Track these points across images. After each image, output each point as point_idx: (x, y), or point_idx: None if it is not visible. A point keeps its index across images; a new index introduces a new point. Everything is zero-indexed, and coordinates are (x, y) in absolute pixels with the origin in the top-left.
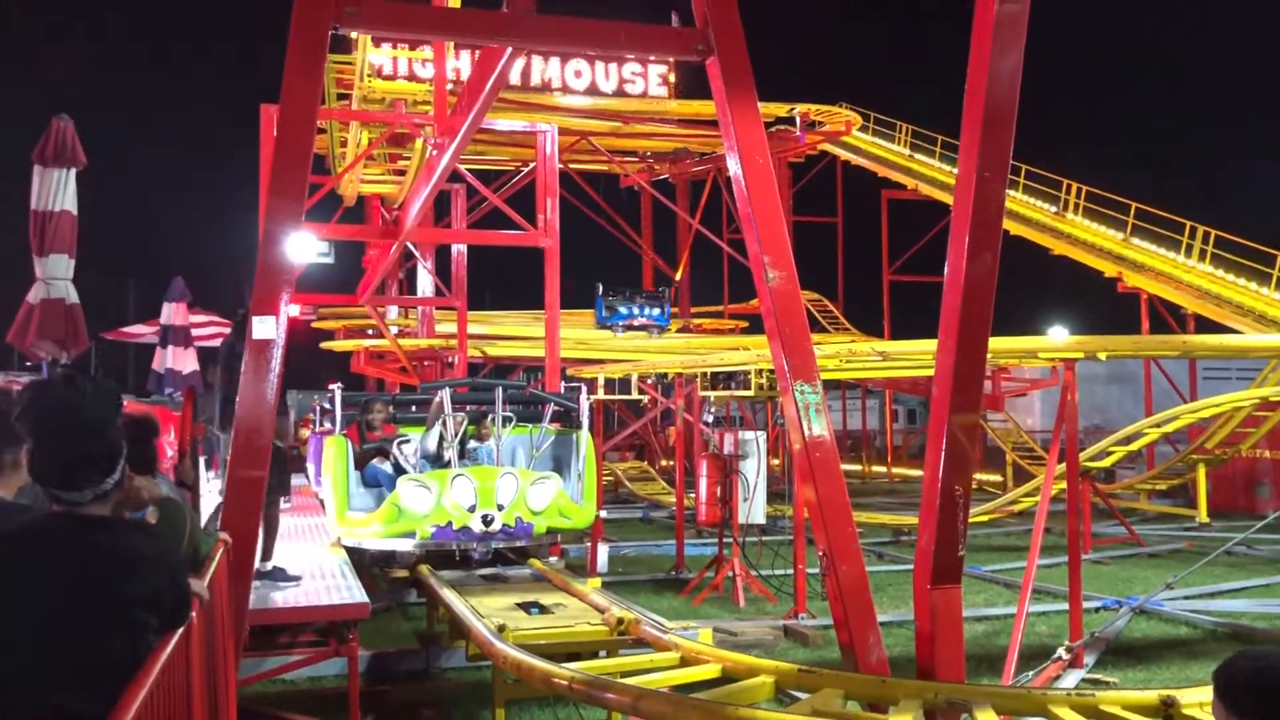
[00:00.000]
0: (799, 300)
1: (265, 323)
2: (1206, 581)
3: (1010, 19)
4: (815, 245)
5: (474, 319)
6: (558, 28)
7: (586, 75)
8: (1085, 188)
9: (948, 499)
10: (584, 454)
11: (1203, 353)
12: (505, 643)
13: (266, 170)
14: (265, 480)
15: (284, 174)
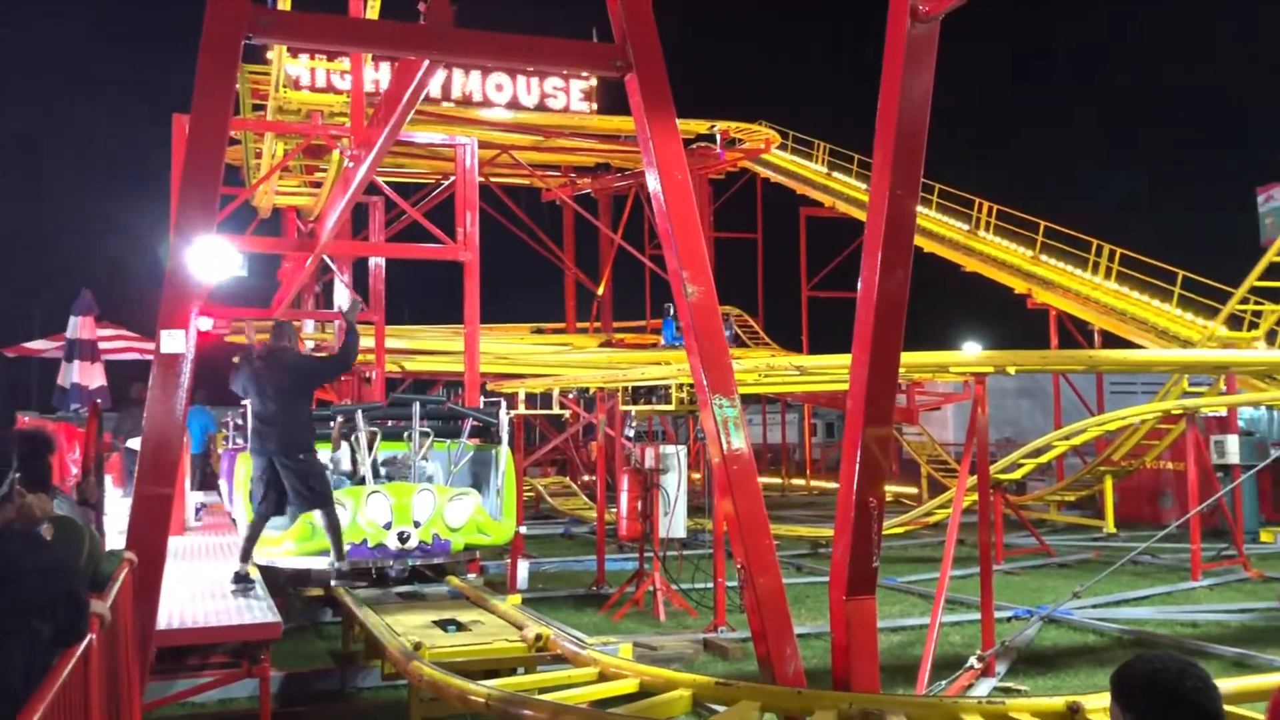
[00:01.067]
0: (717, 315)
1: (174, 336)
2: (1113, 590)
3: (921, 40)
4: (735, 261)
5: (392, 333)
6: (476, 41)
7: (508, 89)
8: (996, 206)
9: (862, 511)
10: (503, 469)
11: (1108, 367)
12: (421, 660)
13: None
14: (172, 497)
15: (195, 185)
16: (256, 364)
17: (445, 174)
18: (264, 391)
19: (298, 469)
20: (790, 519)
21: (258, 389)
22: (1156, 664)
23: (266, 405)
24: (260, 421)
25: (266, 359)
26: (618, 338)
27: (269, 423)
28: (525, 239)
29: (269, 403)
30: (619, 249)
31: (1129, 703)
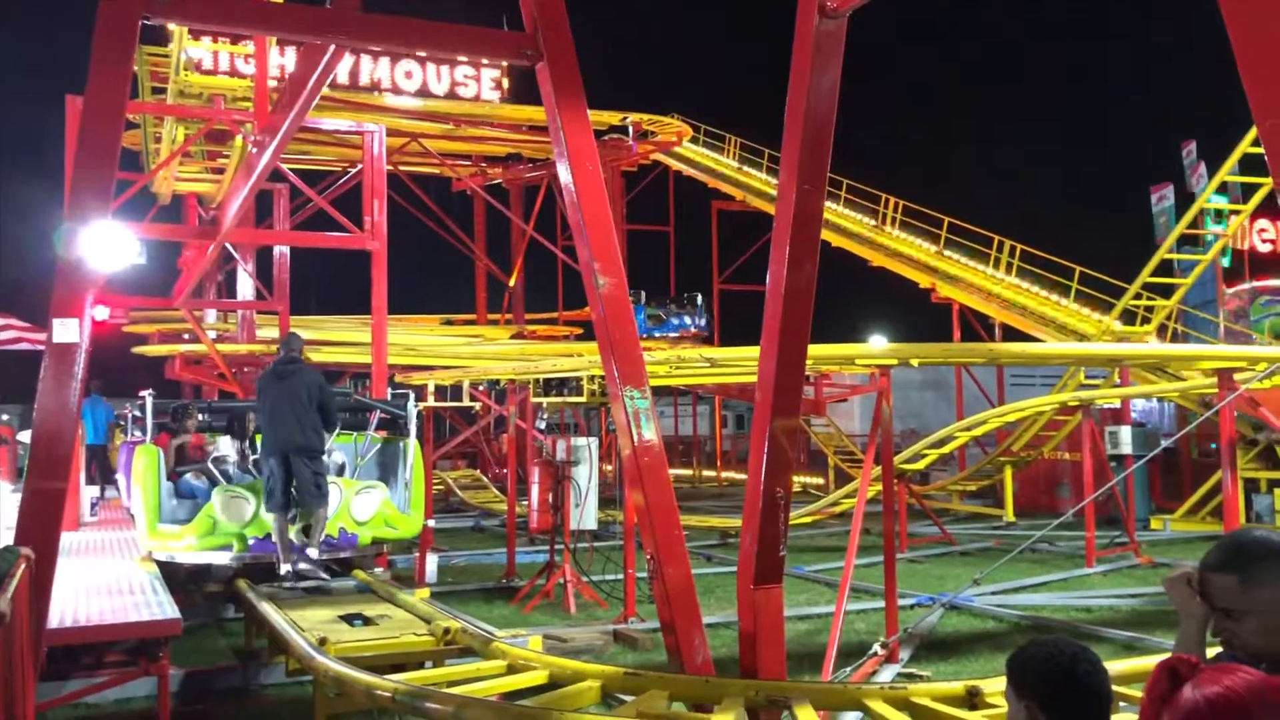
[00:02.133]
0: (628, 306)
1: (67, 325)
2: (1011, 577)
3: (828, 36)
4: (648, 253)
5: (298, 323)
6: (383, 26)
7: (418, 76)
8: (902, 202)
9: (769, 501)
10: (411, 462)
11: (1007, 360)
12: (326, 656)
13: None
14: (65, 492)
15: (89, 169)
16: (280, 369)
17: (353, 162)
18: (294, 396)
19: (313, 468)
20: (701, 510)
21: (288, 394)
22: (1050, 649)
23: (294, 409)
24: (280, 424)
25: (290, 368)
26: (529, 329)
27: (291, 427)
28: (435, 229)
29: (296, 407)
30: (531, 240)
31: (1024, 687)
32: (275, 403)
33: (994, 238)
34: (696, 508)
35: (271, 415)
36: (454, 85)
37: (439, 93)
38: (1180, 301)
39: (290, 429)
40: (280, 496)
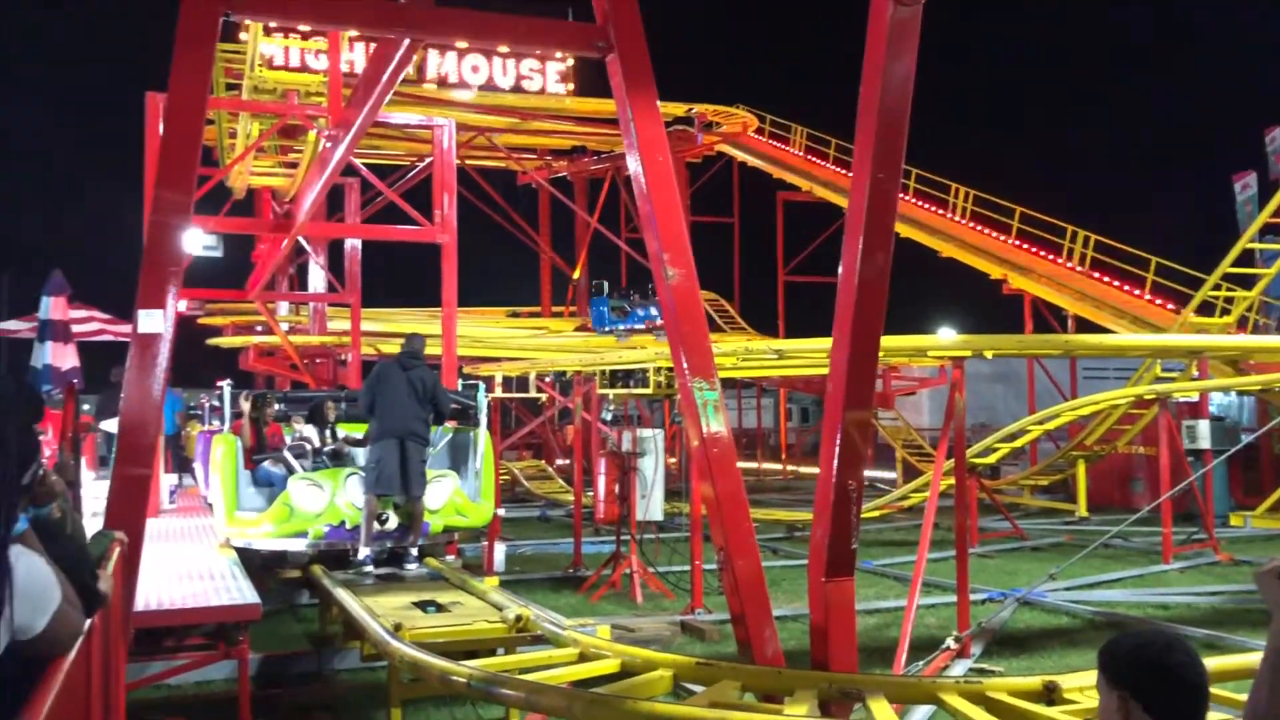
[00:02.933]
0: (698, 298)
1: (152, 317)
2: (1085, 573)
3: (903, 23)
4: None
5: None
6: (456, 20)
7: (484, 70)
8: (973, 192)
9: (841, 493)
10: (481, 452)
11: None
12: (401, 641)
13: (152, 160)
14: (150, 479)
15: (172, 165)
16: (405, 360)
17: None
18: (413, 387)
19: (421, 455)
20: (766, 503)
21: (407, 384)
22: (1144, 638)
23: (412, 398)
24: (399, 411)
25: (413, 362)
26: None
27: (409, 414)
28: (501, 222)
29: (413, 397)
30: (595, 232)
31: (1116, 676)
32: (395, 391)
33: (1067, 227)
34: (762, 501)
35: (391, 402)
36: (519, 79)
37: (505, 87)
38: (1262, 292)
39: (408, 416)
40: (389, 480)
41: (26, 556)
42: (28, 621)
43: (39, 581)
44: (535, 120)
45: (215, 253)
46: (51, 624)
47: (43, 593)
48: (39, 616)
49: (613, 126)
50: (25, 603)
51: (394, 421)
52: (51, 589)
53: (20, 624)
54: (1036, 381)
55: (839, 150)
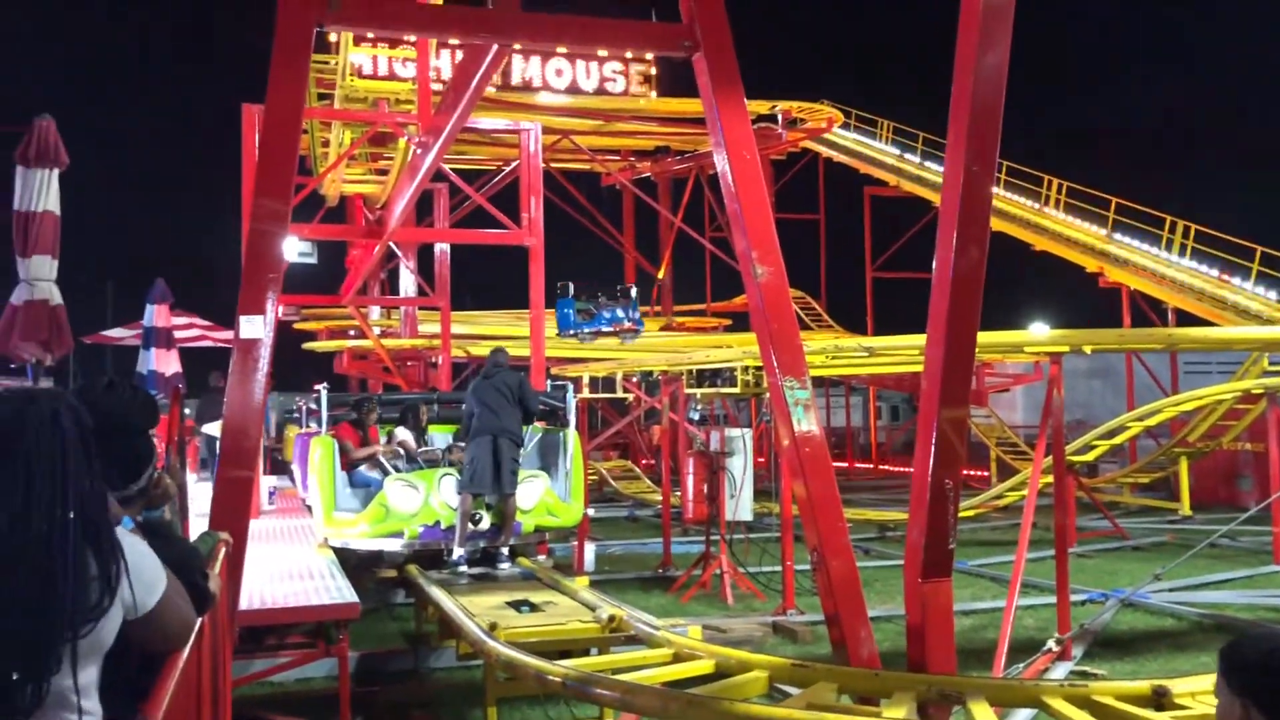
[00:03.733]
0: (787, 296)
1: (253, 322)
2: (1191, 574)
3: (996, 12)
4: (798, 243)
5: (457, 319)
6: (544, 25)
7: (567, 74)
8: (1066, 183)
9: (938, 493)
10: (571, 452)
11: (1186, 345)
12: (497, 641)
13: (249, 170)
14: (253, 480)
15: (270, 174)
16: (489, 372)
17: (507, 160)
18: (498, 391)
19: (513, 454)
20: (857, 503)
21: (493, 389)
22: (1271, 644)
23: (499, 400)
24: (489, 413)
25: (495, 370)
26: (678, 321)
27: (498, 414)
28: (585, 223)
29: (501, 399)
30: (679, 232)
31: (1240, 682)
32: (484, 397)
33: (1165, 218)
34: (852, 500)
35: (482, 408)
36: (603, 81)
37: (588, 89)
38: None
39: (499, 414)
40: (482, 478)
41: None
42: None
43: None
44: (619, 122)
45: (310, 259)
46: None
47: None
48: (149, 596)
49: (696, 126)
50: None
51: (486, 420)
52: (158, 570)
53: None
54: (1135, 377)
55: (927, 144)
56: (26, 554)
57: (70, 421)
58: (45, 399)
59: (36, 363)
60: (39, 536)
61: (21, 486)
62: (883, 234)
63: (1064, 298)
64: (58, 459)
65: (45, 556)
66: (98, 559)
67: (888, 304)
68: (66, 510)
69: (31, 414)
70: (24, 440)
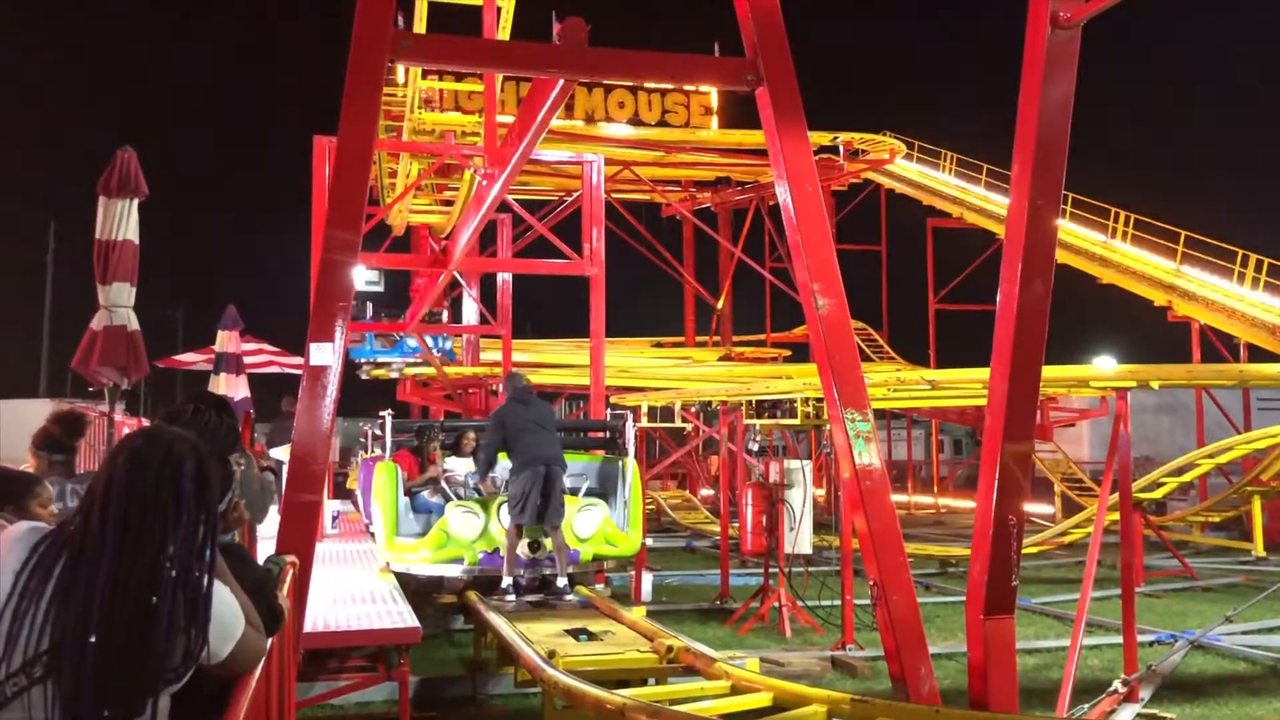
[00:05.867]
0: (849, 328)
1: (323, 349)
2: (1265, 616)
3: (1062, 46)
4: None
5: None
6: (608, 59)
7: (629, 105)
8: (1134, 215)
9: (1001, 528)
10: (630, 481)
11: (1260, 382)
12: (555, 668)
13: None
14: (320, 505)
15: (341, 204)
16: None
17: (569, 191)
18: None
19: (561, 484)
20: (918, 537)
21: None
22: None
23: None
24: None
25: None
26: (737, 351)
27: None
28: (645, 253)
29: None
30: (738, 262)
31: None
32: (526, 424)
33: (1238, 251)
34: (913, 535)
35: (526, 435)
36: (664, 113)
37: (650, 121)
38: None
39: (549, 444)
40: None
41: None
42: (215, 649)
43: (227, 612)
44: (680, 153)
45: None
46: (235, 650)
47: (230, 622)
48: (225, 645)
49: (757, 157)
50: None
51: (537, 450)
52: (237, 618)
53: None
54: (1205, 413)
55: (990, 175)
56: (128, 600)
57: (191, 471)
58: (167, 441)
59: (114, 386)
60: (142, 583)
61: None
62: (945, 266)
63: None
64: (169, 508)
65: (145, 608)
66: (189, 612)
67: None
68: (169, 562)
69: (154, 454)
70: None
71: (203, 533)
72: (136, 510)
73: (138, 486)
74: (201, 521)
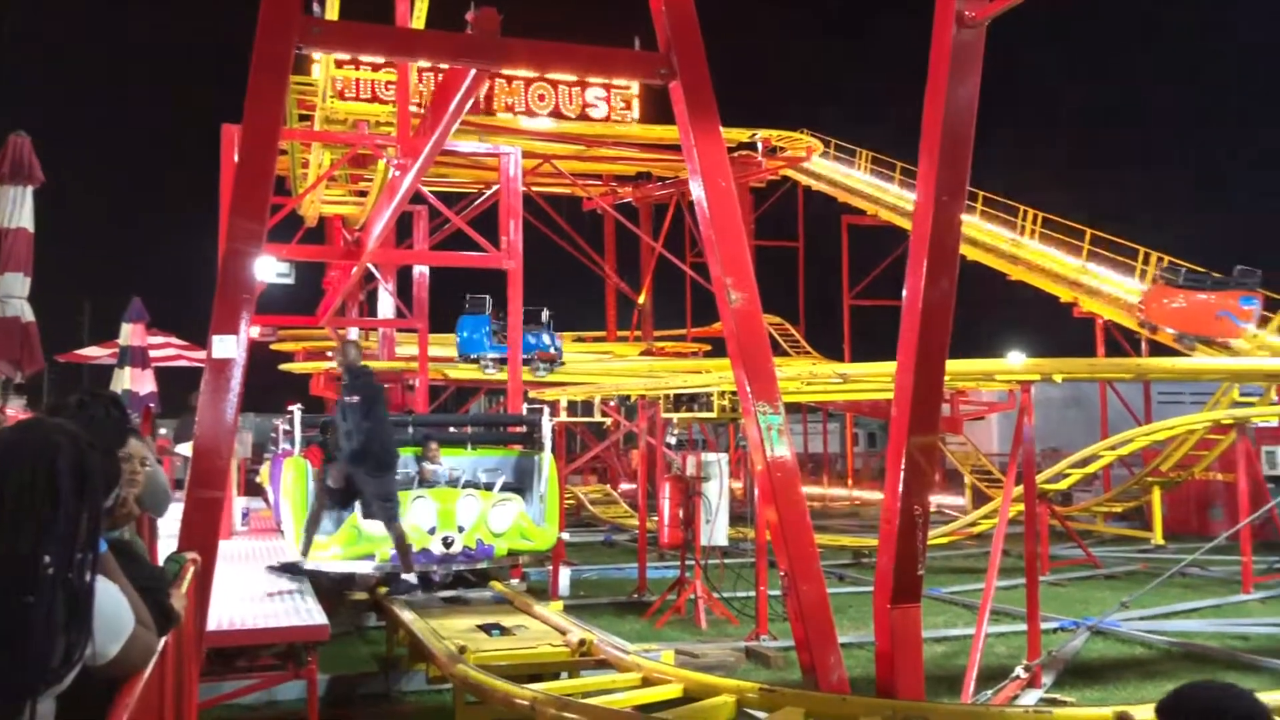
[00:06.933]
0: (761, 322)
1: (225, 342)
2: (1161, 602)
3: (966, 47)
4: (777, 270)
5: (435, 341)
6: (523, 50)
7: (550, 99)
8: (1041, 214)
9: (907, 519)
10: (546, 476)
11: (1157, 375)
12: (466, 664)
13: (227, 190)
14: (223, 501)
15: (246, 194)
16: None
17: (487, 183)
18: (352, 407)
19: (376, 486)
20: (832, 528)
21: (342, 406)
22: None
23: (349, 420)
24: (343, 435)
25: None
26: (658, 346)
27: (348, 437)
28: (566, 247)
29: (353, 418)
30: (660, 257)
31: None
32: (343, 414)
33: (1139, 249)
34: (828, 526)
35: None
36: (585, 106)
37: (571, 114)
38: None
39: (349, 443)
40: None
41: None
42: (101, 649)
43: (113, 610)
44: (601, 147)
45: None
46: (123, 650)
47: (116, 620)
48: (111, 644)
49: (677, 152)
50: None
51: (343, 451)
52: (125, 616)
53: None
54: (1109, 406)
55: (904, 173)
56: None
57: (69, 464)
58: (43, 433)
59: (6, 380)
60: (16, 579)
61: (5, 527)
62: (861, 262)
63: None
64: (45, 504)
65: (19, 603)
66: (69, 610)
67: (865, 331)
68: (47, 559)
69: (27, 446)
70: (16, 476)
71: (85, 529)
72: (9, 505)
73: (10, 481)
74: (83, 517)
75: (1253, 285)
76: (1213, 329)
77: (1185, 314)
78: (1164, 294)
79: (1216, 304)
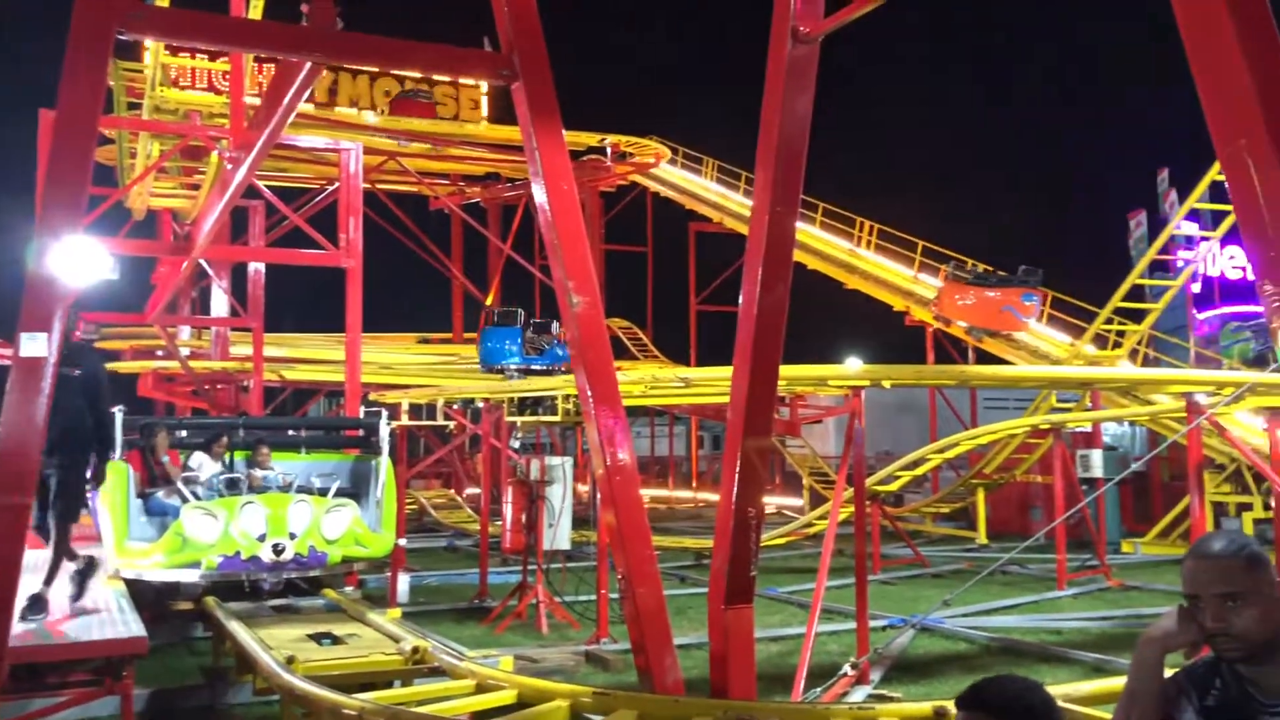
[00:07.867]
0: (603, 326)
1: (35, 340)
2: (983, 599)
3: (800, 61)
4: (626, 274)
5: (271, 341)
6: (359, 45)
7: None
8: (878, 226)
9: (741, 520)
10: (383, 481)
11: (979, 382)
12: (293, 674)
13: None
14: (29, 507)
15: (60, 182)
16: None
17: (330, 179)
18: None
19: (59, 473)
20: (676, 530)
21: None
22: (1013, 689)
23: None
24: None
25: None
26: None
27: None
28: (412, 247)
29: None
30: (508, 259)
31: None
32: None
33: (968, 261)
34: (671, 528)
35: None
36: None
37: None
38: (1151, 327)
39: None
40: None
41: None
42: None
43: None
44: (448, 146)
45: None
46: None
47: None
48: None
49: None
50: None
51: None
52: None
53: None
54: (939, 411)
55: (748, 183)
56: None
57: None
58: None
59: None
60: None
61: None
62: (707, 268)
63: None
64: None
65: None
66: None
67: (711, 336)
68: None
69: None
70: None
71: None
72: None
73: None
74: None
75: (1034, 283)
76: (998, 322)
77: (974, 309)
78: (955, 290)
79: (1001, 299)
